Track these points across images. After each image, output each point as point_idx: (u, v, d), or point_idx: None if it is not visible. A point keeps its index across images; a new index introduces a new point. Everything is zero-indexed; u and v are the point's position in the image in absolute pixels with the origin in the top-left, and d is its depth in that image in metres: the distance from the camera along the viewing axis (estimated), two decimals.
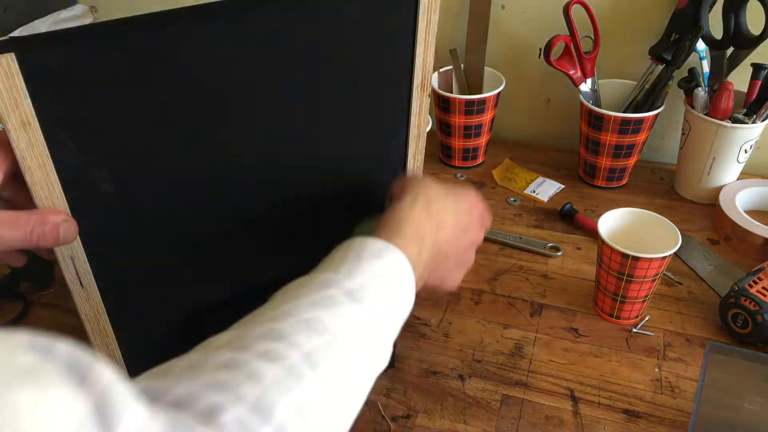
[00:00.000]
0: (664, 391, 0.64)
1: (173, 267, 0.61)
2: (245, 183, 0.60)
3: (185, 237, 0.60)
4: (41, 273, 0.77)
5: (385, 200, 0.63)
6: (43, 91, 0.46)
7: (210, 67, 0.52)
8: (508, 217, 0.90)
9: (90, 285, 0.57)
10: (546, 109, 1.07)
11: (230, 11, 0.50)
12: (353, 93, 0.60)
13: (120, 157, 0.52)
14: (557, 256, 0.82)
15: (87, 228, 0.54)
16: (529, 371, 0.67)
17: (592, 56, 0.91)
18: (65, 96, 0.47)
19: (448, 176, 0.99)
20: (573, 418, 0.62)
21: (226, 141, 0.56)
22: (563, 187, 0.95)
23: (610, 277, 0.69)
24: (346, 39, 0.57)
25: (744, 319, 0.67)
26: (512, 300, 0.76)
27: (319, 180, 0.64)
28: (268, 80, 0.55)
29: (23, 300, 0.76)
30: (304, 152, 0.61)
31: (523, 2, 0.99)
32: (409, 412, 0.63)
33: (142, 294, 0.61)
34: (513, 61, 1.04)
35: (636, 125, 0.86)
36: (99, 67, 0.47)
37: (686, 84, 0.87)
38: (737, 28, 0.85)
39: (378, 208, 0.60)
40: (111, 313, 0.60)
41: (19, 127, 0.46)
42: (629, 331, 0.71)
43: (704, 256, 0.81)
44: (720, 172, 0.88)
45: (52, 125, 0.48)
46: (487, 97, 0.92)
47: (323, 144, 0.62)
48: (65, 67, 0.46)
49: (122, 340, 0.64)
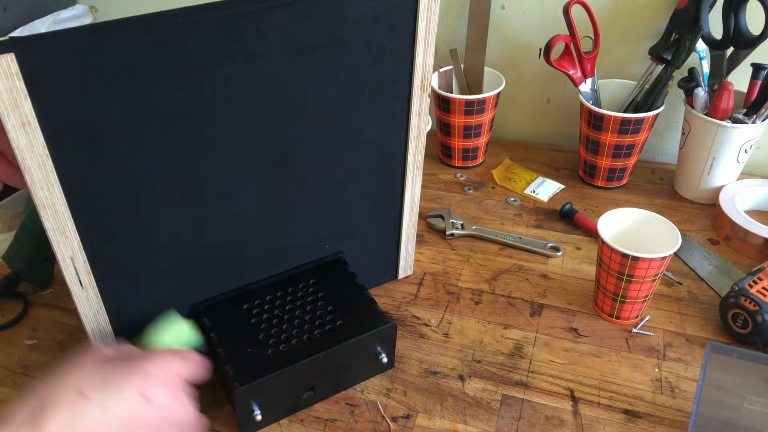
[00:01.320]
0: (664, 391, 0.64)
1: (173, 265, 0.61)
2: (246, 180, 0.60)
3: (185, 235, 0.60)
4: (41, 273, 0.77)
5: None
6: (42, 92, 0.46)
7: (210, 66, 0.52)
8: (508, 217, 0.90)
9: (90, 285, 0.57)
10: (546, 109, 1.07)
11: (230, 11, 0.50)
12: (354, 92, 0.60)
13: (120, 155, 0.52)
14: (557, 256, 0.82)
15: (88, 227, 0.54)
16: (529, 371, 0.67)
17: (592, 56, 0.91)
18: (65, 96, 0.47)
19: (448, 176, 0.99)
20: (573, 418, 0.62)
21: (227, 139, 0.56)
22: (563, 187, 0.95)
23: (610, 277, 0.69)
24: (346, 39, 0.57)
25: (744, 319, 0.67)
26: (512, 300, 0.76)
27: (319, 178, 0.64)
28: (267, 81, 0.55)
29: (23, 300, 0.76)
30: (305, 150, 0.61)
31: (523, 2, 0.99)
32: (409, 412, 0.63)
33: (142, 292, 0.62)
34: (513, 61, 1.04)
35: (636, 125, 0.87)
36: (98, 67, 0.47)
37: (686, 84, 0.87)
38: (737, 28, 0.85)
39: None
40: (111, 312, 0.60)
41: (19, 127, 0.46)
42: (629, 331, 0.71)
43: (704, 256, 0.81)
44: (720, 172, 0.88)
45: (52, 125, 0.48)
46: (487, 97, 0.92)
47: (323, 142, 0.62)
48: (65, 67, 0.46)
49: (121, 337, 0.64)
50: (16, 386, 0.66)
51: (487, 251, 0.83)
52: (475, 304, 0.75)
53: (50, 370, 0.41)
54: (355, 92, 0.60)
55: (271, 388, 0.58)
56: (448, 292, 0.77)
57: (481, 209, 0.91)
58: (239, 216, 0.62)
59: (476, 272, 0.80)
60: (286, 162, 0.61)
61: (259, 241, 0.65)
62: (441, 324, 0.72)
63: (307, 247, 0.69)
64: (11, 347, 0.71)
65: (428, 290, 0.77)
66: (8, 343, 0.71)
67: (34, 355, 0.70)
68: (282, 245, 0.67)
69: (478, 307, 0.75)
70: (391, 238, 0.74)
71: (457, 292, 0.77)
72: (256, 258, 0.66)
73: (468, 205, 0.92)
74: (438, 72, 0.98)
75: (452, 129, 0.96)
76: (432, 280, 0.79)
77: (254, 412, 0.57)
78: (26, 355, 0.70)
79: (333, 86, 0.59)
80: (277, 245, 0.67)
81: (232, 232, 0.62)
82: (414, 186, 0.70)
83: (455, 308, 0.74)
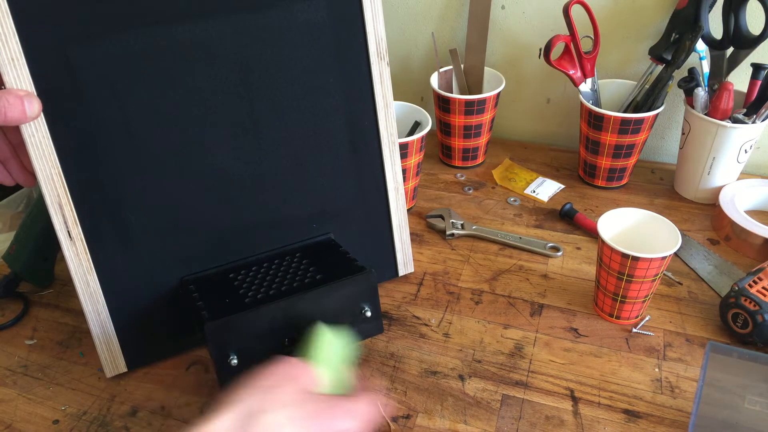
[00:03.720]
0: (664, 391, 0.64)
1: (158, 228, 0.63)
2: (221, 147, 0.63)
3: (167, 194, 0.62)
4: (41, 273, 0.77)
5: None
6: (28, 29, 0.52)
7: (175, 18, 0.57)
8: (508, 217, 0.90)
9: (78, 237, 0.60)
10: (546, 109, 1.07)
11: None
12: (314, 57, 0.64)
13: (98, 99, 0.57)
14: (557, 256, 0.82)
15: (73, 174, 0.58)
16: (529, 371, 0.67)
17: (592, 56, 0.91)
18: (47, 35, 0.53)
19: (448, 176, 0.99)
20: (573, 418, 0.62)
21: (195, 103, 0.60)
22: (563, 187, 0.95)
23: (610, 277, 0.69)
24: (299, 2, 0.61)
25: (744, 319, 0.67)
26: (512, 300, 0.76)
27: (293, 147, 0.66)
28: (225, 41, 0.60)
29: (23, 300, 0.76)
30: (274, 116, 0.64)
31: (523, 2, 0.99)
32: (409, 412, 0.63)
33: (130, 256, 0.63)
34: (513, 61, 1.04)
35: (636, 125, 0.87)
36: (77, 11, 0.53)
37: (686, 84, 0.87)
38: (737, 28, 0.85)
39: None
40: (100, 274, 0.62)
41: (9, 63, 0.52)
42: (629, 331, 0.71)
43: (704, 256, 0.81)
44: (720, 172, 0.88)
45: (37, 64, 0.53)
46: (487, 97, 0.92)
47: (289, 108, 0.65)
48: (47, 7, 0.52)
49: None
50: (16, 386, 0.66)
51: (487, 251, 0.83)
52: (475, 304, 0.75)
53: (253, 376, 0.44)
54: (312, 56, 0.64)
55: (244, 328, 0.57)
56: (448, 292, 0.77)
57: (481, 209, 0.91)
58: (220, 188, 0.64)
59: (476, 272, 0.80)
60: (258, 128, 0.64)
61: (244, 215, 0.66)
62: (441, 324, 0.72)
63: (293, 225, 0.69)
64: (11, 347, 0.71)
65: (428, 290, 0.77)
66: (8, 343, 0.71)
67: (34, 355, 0.70)
68: (267, 220, 0.67)
69: (478, 307, 0.75)
70: (382, 223, 0.74)
71: (457, 292, 0.77)
72: (243, 233, 0.67)
73: (468, 205, 0.92)
74: (438, 72, 0.98)
75: (452, 129, 0.96)
76: (432, 280, 0.79)
77: (230, 356, 0.57)
78: (26, 355, 0.70)
79: (290, 49, 0.62)
80: (263, 220, 0.67)
81: (214, 204, 0.64)
82: (393, 162, 0.72)
83: (455, 308, 0.74)
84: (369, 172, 0.71)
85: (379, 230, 0.75)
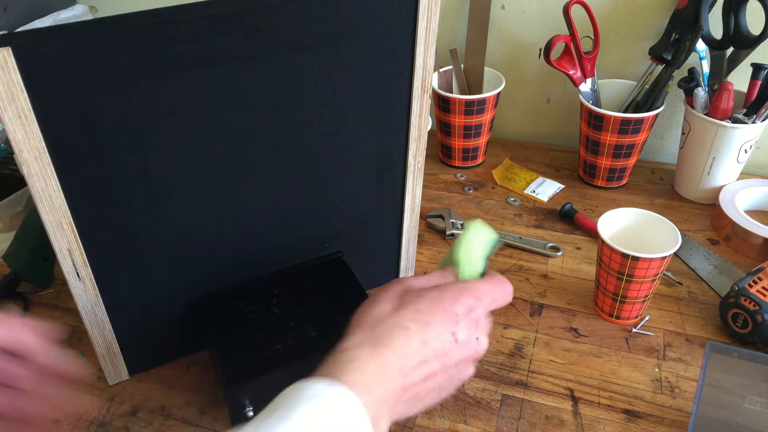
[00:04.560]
0: (664, 391, 0.64)
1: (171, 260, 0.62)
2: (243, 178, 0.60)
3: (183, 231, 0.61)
4: (41, 273, 0.77)
5: None
6: (38, 84, 0.47)
7: (201, 64, 0.52)
8: (508, 217, 0.90)
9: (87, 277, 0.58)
10: (546, 109, 1.07)
11: (222, 9, 0.51)
12: (351, 93, 0.60)
13: (115, 150, 0.53)
14: (557, 256, 0.82)
15: (84, 219, 0.55)
16: (529, 371, 0.67)
17: (592, 56, 0.91)
18: (60, 89, 0.48)
19: (448, 176, 0.99)
20: (573, 418, 0.62)
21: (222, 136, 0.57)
22: (563, 187, 0.95)
23: (610, 277, 0.69)
24: (346, 40, 0.57)
25: (744, 319, 0.67)
26: (512, 300, 0.75)
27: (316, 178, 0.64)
28: (260, 80, 0.55)
29: (23, 300, 0.76)
30: (302, 150, 0.62)
31: (523, 2, 0.99)
32: None
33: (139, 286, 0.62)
34: (513, 61, 1.04)
35: (636, 125, 0.86)
36: (92, 62, 0.48)
37: (686, 84, 0.87)
38: (737, 28, 0.85)
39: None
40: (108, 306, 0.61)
41: (16, 120, 0.47)
42: (629, 331, 0.71)
43: (704, 256, 0.81)
44: (720, 172, 0.88)
45: (48, 118, 0.48)
46: (487, 97, 0.92)
47: (319, 142, 0.62)
48: (60, 61, 0.47)
49: (120, 334, 0.64)
50: None
51: None
52: None
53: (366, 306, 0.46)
54: (352, 92, 0.60)
55: (265, 387, 0.58)
56: None
57: (481, 209, 0.91)
58: (236, 213, 0.62)
59: None
60: (284, 160, 0.61)
61: (257, 239, 0.65)
62: None
63: (306, 247, 0.69)
64: None
65: None
66: None
67: None
68: (281, 244, 0.67)
69: None
70: (392, 240, 0.74)
71: None
72: (254, 255, 0.66)
73: (468, 205, 0.92)
74: (438, 72, 0.98)
75: (452, 129, 0.96)
76: None
77: (246, 408, 0.57)
78: None
79: (329, 86, 0.59)
80: (277, 243, 0.67)
81: (230, 228, 0.63)
82: (415, 188, 0.70)
83: None
84: (389, 196, 0.70)
85: (388, 244, 0.75)
